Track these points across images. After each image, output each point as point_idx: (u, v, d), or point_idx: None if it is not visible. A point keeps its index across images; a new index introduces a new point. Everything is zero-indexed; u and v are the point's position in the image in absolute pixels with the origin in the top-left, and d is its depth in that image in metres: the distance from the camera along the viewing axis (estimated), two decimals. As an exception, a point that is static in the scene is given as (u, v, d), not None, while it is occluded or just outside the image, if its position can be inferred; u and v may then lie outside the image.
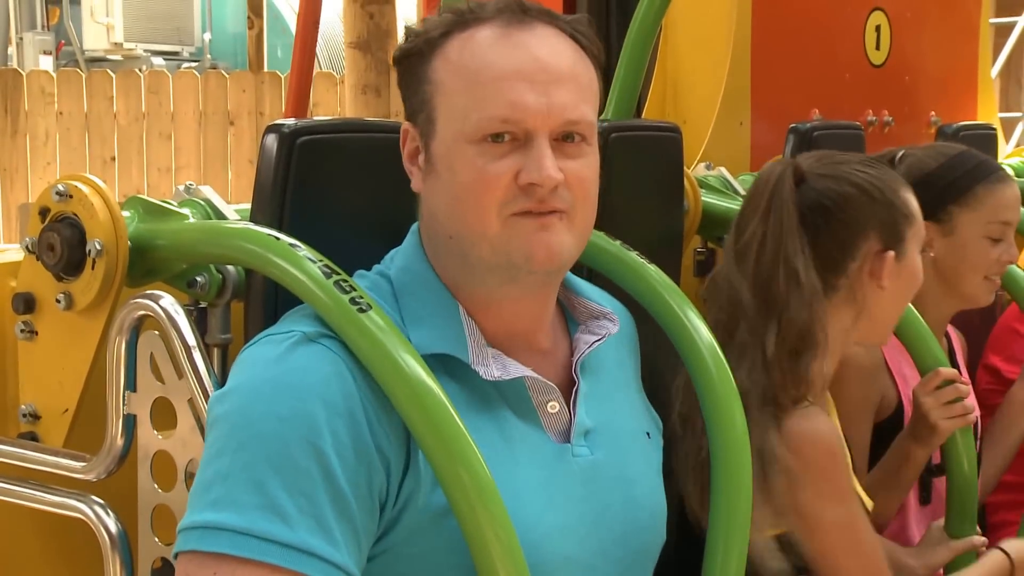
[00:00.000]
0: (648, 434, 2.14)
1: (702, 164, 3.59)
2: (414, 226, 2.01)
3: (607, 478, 1.99)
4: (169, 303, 2.09)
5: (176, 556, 1.74)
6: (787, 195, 2.51)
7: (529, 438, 1.93)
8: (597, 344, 2.03)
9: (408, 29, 1.97)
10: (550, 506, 1.90)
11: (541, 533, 1.85)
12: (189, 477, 2.10)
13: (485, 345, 1.91)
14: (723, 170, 3.52)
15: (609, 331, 2.04)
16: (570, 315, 2.09)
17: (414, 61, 1.93)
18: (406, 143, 1.96)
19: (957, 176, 3.14)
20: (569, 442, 1.97)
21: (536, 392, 1.95)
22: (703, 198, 3.28)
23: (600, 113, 3.02)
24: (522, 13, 1.91)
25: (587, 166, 1.90)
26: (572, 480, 1.95)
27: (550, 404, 1.96)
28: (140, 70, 12.81)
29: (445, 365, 1.87)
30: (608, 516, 1.98)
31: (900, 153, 3.17)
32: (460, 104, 1.87)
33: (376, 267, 2.01)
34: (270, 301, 2.09)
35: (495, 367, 1.89)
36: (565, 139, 1.88)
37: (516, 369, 1.91)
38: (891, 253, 2.56)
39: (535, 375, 1.93)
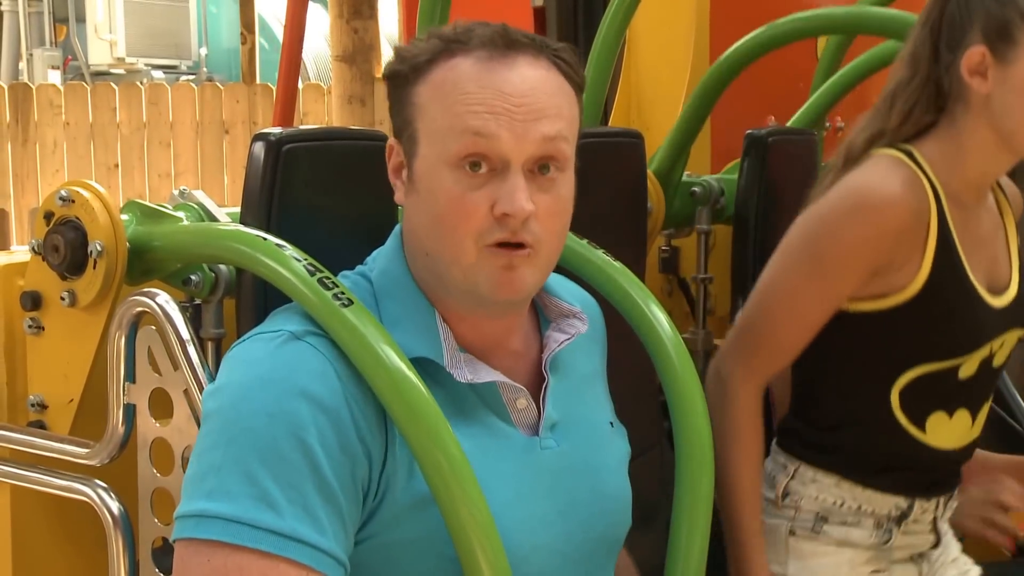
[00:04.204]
0: (612, 424, 2.13)
1: (664, 168, 3.59)
2: (397, 228, 2.00)
3: (573, 468, 1.99)
4: (165, 300, 2.10)
5: (174, 542, 1.74)
6: None
7: (501, 434, 1.93)
8: (567, 343, 2.02)
9: (397, 50, 1.94)
10: (519, 497, 1.90)
11: (511, 522, 1.84)
12: (185, 462, 2.11)
13: (458, 350, 1.90)
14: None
15: (579, 330, 2.03)
16: (542, 312, 2.08)
17: (400, 83, 1.90)
18: (391, 157, 1.94)
19: None
20: (538, 435, 1.97)
21: (506, 391, 1.94)
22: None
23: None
24: (505, 46, 1.86)
25: (559, 199, 1.87)
26: (540, 471, 1.94)
27: (518, 401, 1.95)
28: (141, 83, 12.77)
29: (423, 367, 1.85)
30: (574, 504, 1.97)
31: None
32: (439, 130, 1.84)
33: (358, 268, 2.00)
34: (259, 298, 2.09)
35: (467, 371, 1.89)
36: (540, 170, 1.85)
37: (486, 374, 1.90)
38: (983, 49, 2.29)
39: (503, 378, 1.92)
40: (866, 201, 2.29)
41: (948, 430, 2.43)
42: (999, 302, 2.40)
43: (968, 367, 2.39)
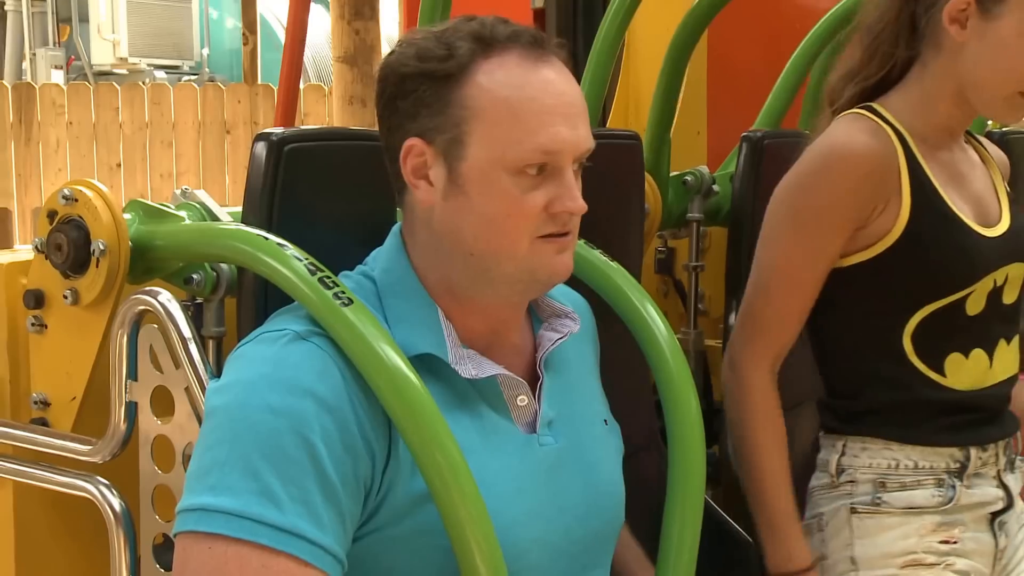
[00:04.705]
0: (605, 421, 2.14)
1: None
2: (395, 227, 2.01)
3: (569, 464, 2.00)
4: (167, 299, 2.10)
5: (175, 536, 1.75)
6: None
7: (501, 430, 1.94)
8: (560, 342, 2.04)
9: (420, 49, 1.89)
10: (519, 492, 1.91)
11: (510, 518, 1.86)
12: (187, 460, 2.11)
13: (461, 346, 1.92)
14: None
15: (571, 329, 2.05)
16: (535, 313, 2.09)
17: (440, 83, 1.86)
18: (410, 156, 1.89)
19: None
20: (535, 432, 1.98)
21: (507, 387, 1.96)
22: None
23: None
24: (540, 46, 1.88)
25: (582, 190, 1.93)
26: (538, 467, 1.96)
27: (519, 398, 1.97)
28: (144, 83, 12.77)
29: (427, 364, 1.87)
30: (571, 500, 1.99)
31: None
32: (502, 135, 1.84)
33: (360, 268, 2.01)
34: (260, 297, 2.09)
35: (471, 366, 1.90)
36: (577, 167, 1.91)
37: (490, 368, 1.92)
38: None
39: (506, 372, 1.94)
40: (833, 156, 2.35)
41: (966, 371, 2.41)
42: (991, 232, 2.41)
43: (974, 302, 2.39)
